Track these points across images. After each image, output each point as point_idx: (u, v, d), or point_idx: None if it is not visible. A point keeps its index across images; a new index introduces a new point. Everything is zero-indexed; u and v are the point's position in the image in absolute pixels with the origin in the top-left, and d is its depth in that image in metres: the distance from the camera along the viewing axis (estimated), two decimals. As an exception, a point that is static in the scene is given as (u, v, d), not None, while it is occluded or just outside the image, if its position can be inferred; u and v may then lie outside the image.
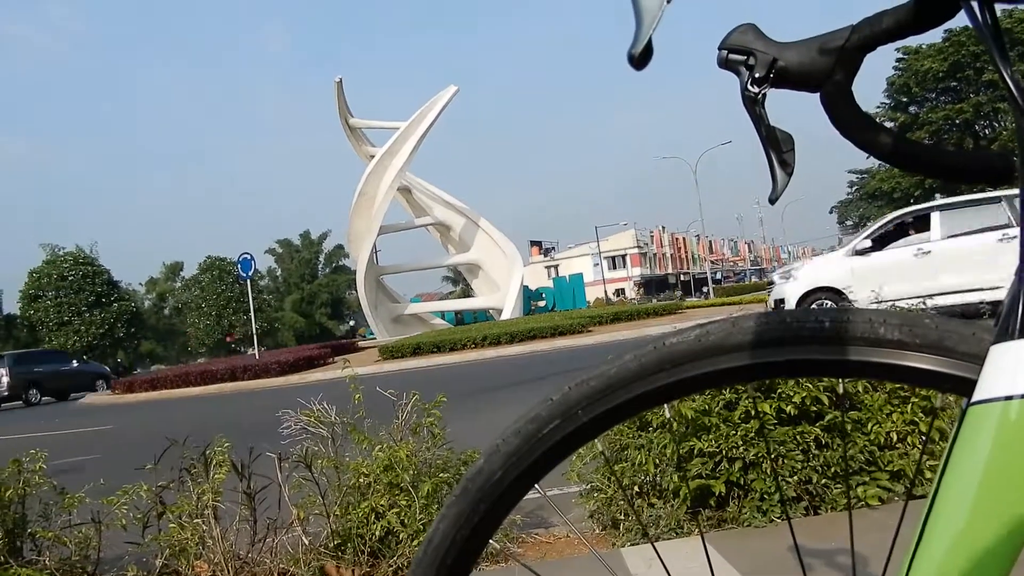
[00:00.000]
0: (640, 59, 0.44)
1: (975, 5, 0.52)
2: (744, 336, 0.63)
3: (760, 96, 0.61)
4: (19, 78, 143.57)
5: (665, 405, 2.97)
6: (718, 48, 0.63)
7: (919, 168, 0.62)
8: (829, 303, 12.40)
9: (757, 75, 0.61)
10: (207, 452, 3.30)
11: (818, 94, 0.62)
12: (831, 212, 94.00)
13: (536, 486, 0.74)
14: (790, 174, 0.62)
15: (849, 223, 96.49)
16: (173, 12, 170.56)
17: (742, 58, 0.62)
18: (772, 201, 0.64)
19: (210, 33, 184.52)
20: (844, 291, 12.51)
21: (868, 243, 12.74)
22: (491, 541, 0.71)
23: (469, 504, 0.67)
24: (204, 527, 3.12)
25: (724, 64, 0.63)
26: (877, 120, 0.63)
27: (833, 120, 0.62)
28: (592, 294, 49.09)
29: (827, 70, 0.61)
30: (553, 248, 75.95)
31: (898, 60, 48.51)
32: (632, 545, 3.16)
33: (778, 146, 0.62)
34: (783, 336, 0.63)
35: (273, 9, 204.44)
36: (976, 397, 0.51)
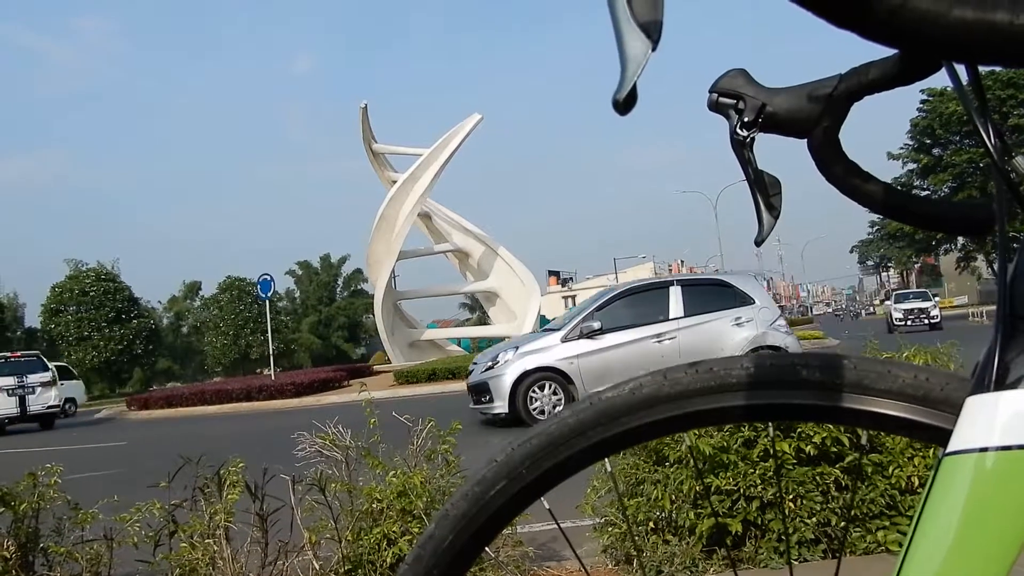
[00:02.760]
0: (624, 105, 0.45)
1: (956, 64, 0.53)
2: (674, 387, 0.64)
3: (748, 140, 0.62)
4: (50, 94, 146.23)
5: (684, 436, 2.92)
6: (708, 91, 0.65)
7: (904, 217, 0.63)
8: None
9: (746, 119, 0.62)
10: (221, 472, 3.30)
11: (805, 140, 0.63)
12: (852, 251, 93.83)
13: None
14: (776, 217, 0.63)
15: (870, 263, 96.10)
16: (203, 35, 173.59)
17: (732, 102, 0.63)
18: (758, 243, 0.66)
19: (238, 56, 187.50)
20: None
21: None
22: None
23: (422, 571, 0.67)
24: (215, 548, 3.11)
25: (714, 107, 0.65)
26: (867, 168, 0.65)
27: (819, 166, 0.63)
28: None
29: (815, 117, 0.62)
30: (571, 278, 75.84)
31: (922, 102, 48.34)
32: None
33: (765, 190, 0.63)
34: (709, 386, 0.64)
35: (302, 35, 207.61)
36: (951, 448, 0.51)
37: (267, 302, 25.66)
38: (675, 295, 9.83)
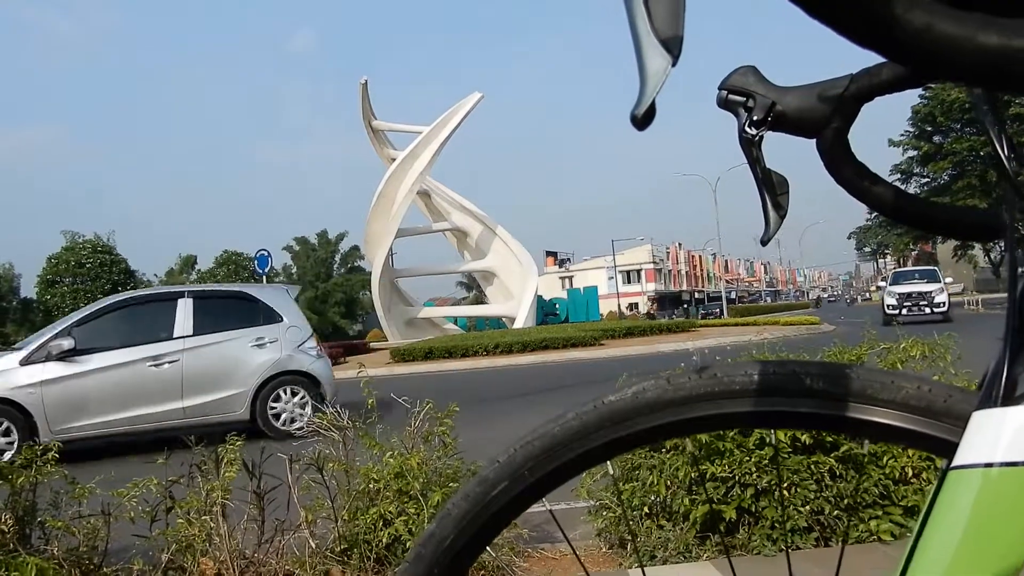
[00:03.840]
0: (643, 120, 0.44)
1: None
2: (678, 392, 0.65)
3: (757, 138, 0.62)
4: (50, 68, 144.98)
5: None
6: (718, 88, 0.64)
7: (911, 221, 0.63)
8: None
9: (755, 117, 0.62)
10: (218, 449, 3.31)
11: (814, 140, 0.63)
12: (849, 238, 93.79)
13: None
14: (783, 216, 0.63)
15: (867, 249, 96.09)
16: (205, 10, 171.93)
17: (741, 99, 0.63)
18: (763, 243, 0.66)
19: (239, 33, 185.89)
20: None
21: None
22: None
23: (423, 570, 0.67)
24: (212, 524, 3.12)
25: (723, 104, 0.64)
26: (874, 169, 0.64)
27: (828, 167, 0.63)
28: (605, 307, 48.98)
29: (825, 117, 0.62)
30: (568, 259, 75.72)
31: (925, 88, 48.19)
32: (640, 567, 3.14)
33: (773, 188, 0.63)
34: (712, 391, 0.64)
35: (304, 14, 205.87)
36: (956, 462, 0.50)
37: (264, 277, 25.63)
38: (184, 309, 8.33)
